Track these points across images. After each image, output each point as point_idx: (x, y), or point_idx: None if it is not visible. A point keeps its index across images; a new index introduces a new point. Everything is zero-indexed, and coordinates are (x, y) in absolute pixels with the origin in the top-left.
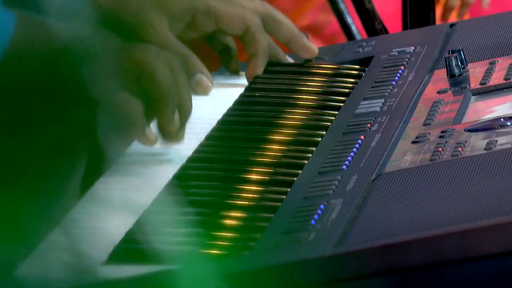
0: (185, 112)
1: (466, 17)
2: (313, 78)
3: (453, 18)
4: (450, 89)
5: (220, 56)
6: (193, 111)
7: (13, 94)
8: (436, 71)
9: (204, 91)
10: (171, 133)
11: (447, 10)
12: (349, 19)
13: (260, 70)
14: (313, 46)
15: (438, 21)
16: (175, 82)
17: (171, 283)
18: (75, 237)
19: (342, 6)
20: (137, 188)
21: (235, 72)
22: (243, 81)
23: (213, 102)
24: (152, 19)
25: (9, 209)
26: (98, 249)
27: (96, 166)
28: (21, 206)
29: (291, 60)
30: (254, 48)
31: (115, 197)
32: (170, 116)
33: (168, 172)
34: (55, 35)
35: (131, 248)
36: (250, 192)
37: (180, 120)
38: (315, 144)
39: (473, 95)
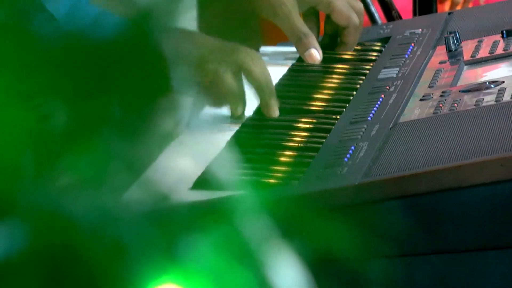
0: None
1: None
2: (347, 52)
3: None
4: (448, 60)
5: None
6: None
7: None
8: (438, 47)
9: (314, 61)
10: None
11: (453, 5)
12: (372, 9)
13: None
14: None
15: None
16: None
17: (239, 205)
18: (168, 170)
19: None
20: (215, 135)
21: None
22: (294, 55)
23: (271, 71)
24: (286, 1)
25: (98, 156)
26: (186, 178)
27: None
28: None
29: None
30: (346, 40)
31: (198, 142)
32: (271, 102)
33: (238, 122)
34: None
35: (209, 178)
36: (298, 136)
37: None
38: (348, 101)
39: (465, 65)
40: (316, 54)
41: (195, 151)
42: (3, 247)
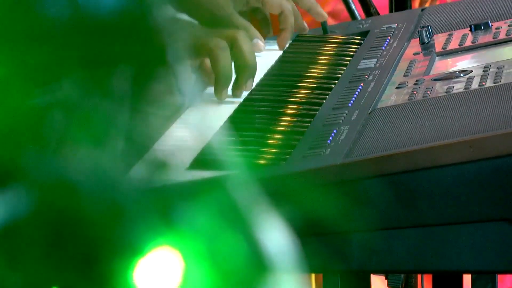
0: (251, 69)
1: None
2: (329, 45)
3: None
4: (421, 52)
5: (259, 22)
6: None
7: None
8: (412, 40)
9: (260, 51)
10: (222, 96)
11: (422, 3)
12: (352, 6)
13: (287, 40)
14: (324, 12)
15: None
16: (239, 53)
17: (233, 183)
18: (167, 149)
19: None
20: (211, 117)
21: (267, 34)
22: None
23: (262, 61)
24: (222, 2)
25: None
26: (184, 158)
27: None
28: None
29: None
30: (285, 25)
31: (196, 123)
32: (222, 90)
33: (232, 107)
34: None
35: (206, 158)
36: (286, 121)
37: (246, 75)
38: (330, 89)
39: (437, 56)
40: (260, 44)
41: (193, 132)
42: (8, 212)
